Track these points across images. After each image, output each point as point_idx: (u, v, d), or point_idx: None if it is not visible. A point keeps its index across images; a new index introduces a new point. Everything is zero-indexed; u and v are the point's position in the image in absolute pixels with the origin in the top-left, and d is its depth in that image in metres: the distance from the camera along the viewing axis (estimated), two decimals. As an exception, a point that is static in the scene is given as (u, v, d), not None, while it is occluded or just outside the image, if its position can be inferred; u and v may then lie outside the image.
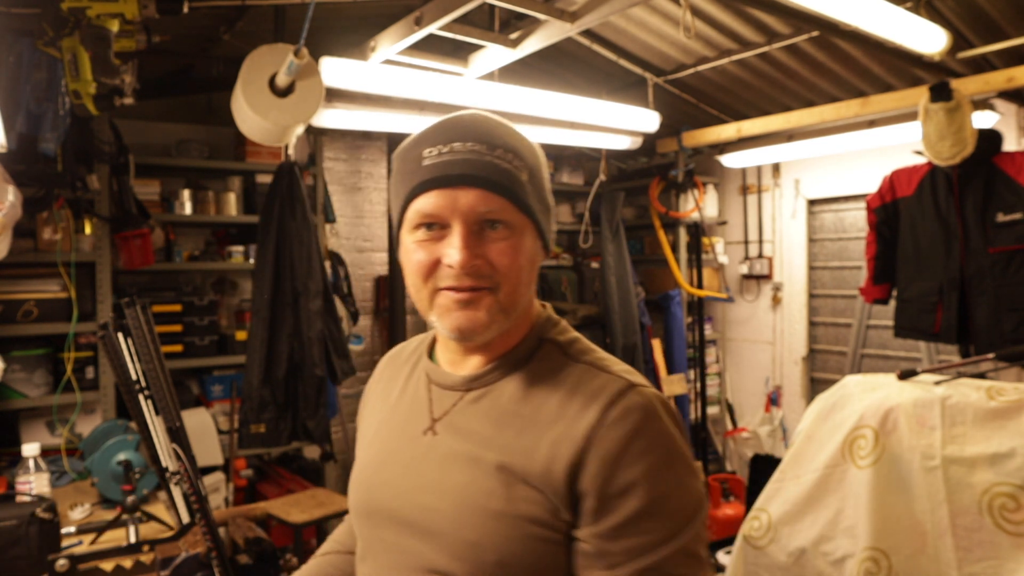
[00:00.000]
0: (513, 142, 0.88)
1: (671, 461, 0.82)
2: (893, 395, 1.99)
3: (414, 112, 3.30)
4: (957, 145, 2.75)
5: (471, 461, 0.86)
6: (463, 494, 0.85)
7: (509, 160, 0.86)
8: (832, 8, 2.22)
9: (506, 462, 0.84)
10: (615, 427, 0.81)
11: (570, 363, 0.90)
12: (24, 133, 2.11)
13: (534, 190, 0.88)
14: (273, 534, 3.01)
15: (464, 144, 0.85)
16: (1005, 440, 1.79)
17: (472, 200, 0.83)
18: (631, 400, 0.83)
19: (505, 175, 0.85)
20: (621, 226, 4.22)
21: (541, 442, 0.83)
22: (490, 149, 0.85)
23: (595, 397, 0.84)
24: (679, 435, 0.85)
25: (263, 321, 3.06)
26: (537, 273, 0.92)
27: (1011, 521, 1.73)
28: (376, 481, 0.95)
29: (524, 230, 0.87)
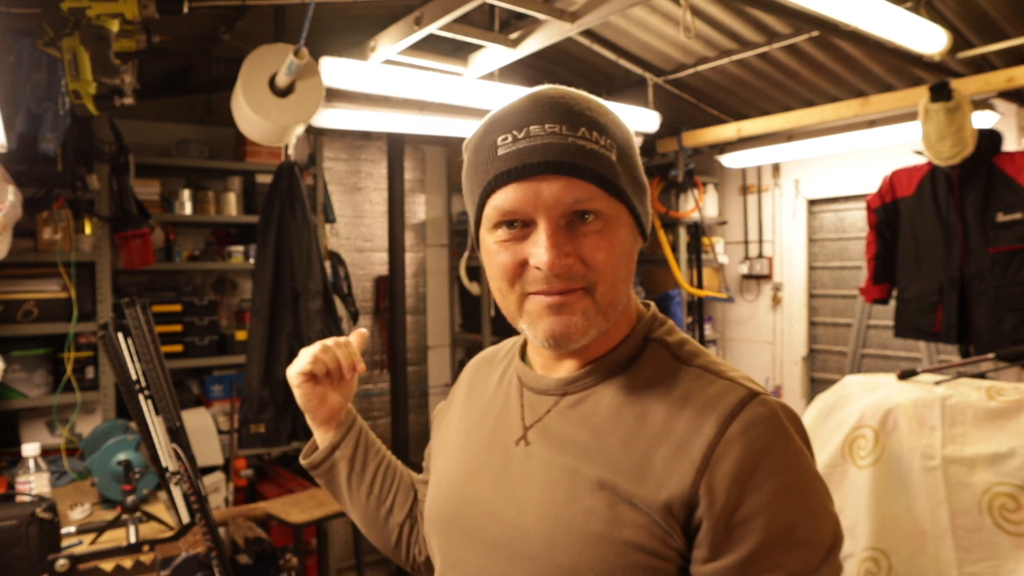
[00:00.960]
0: (599, 117, 0.77)
1: (803, 482, 0.72)
2: (893, 395, 1.99)
3: (414, 112, 3.30)
4: (957, 145, 2.75)
5: (568, 475, 0.77)
6: (559, 513, 0.75)
7: (595, 139, 0.74)
8: (832, 8, 2.22)
9: (608, 478, 0.74)
10: (738, 443, 0.70)
11: (680, 367, 0.79)
12: (24, 133, 2.11)
13: (625, 170, 0.77)
14: (273, 534, 3.01)
15: (542, 127, 0.74)
16: (1005, 440, 1.79)
17: (556, 191, 0.73)
18: (754, 412, 0.73)
19: (591, 157, 0.74)
20: (621, 226, 4.21)
21: (650, 458, 0.73)
22: (572, 129, 0.74)
23: (712, 408, 0.73)
24: (808, 451, 0.75)
25: (263, 321, 3.06)
26: (635, 265, 0.81)
27: (1011, 521, 1.73)
28: (461, 494, 0.86)
29: (619, 218, 0.77)
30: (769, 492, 0.70)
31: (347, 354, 0.98)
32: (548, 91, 0.78)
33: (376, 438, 1.09)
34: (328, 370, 0.97)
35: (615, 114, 0.80)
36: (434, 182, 4.68)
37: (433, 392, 4.68)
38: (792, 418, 0.76)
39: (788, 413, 0.76)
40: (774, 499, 0.69)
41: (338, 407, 1.02)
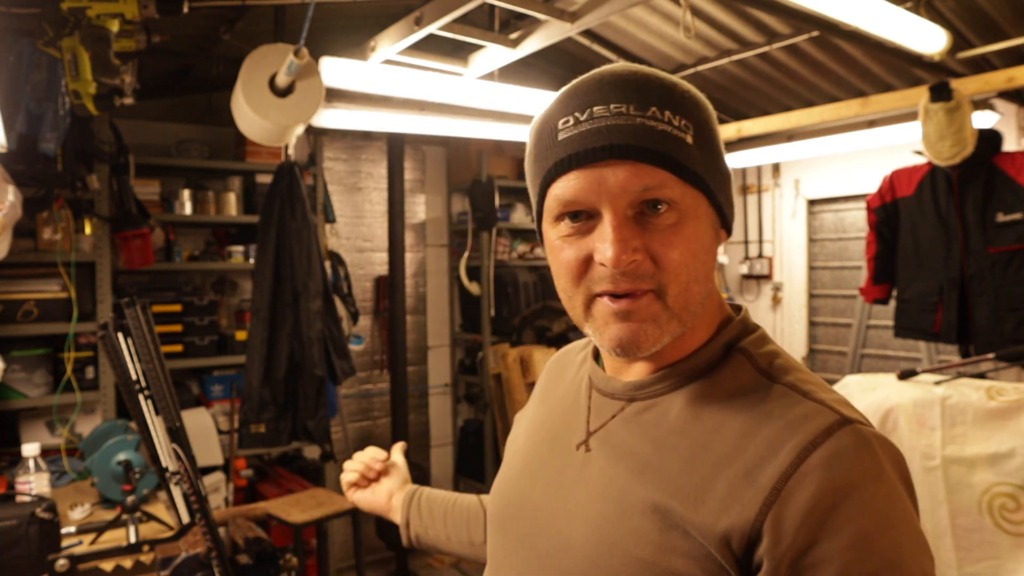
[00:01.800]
0: (674, 95, 0.68)
1: (892, 529, 0.60)
2: (893, 395, 1.99)
3: (414, 112, 3.30)
4: (957, 145, 2.75)
5: (623, 490, 0.70)
6: (608, 531, 0.69)
7: (668, 120, 0.66)
8: (832, 8, 2.22)
9: (663, 500, 0.67)
10: (817, 475, 0.61)
11: (765, 382, 0.70)
12: (24, 133, 2.12)
13: (704, 155, 0.68)
14: (273, 534, 3.01)
15: (607, 107, 0.66)
16: (1005, 440, 1.79)
17: (623, 177, 0.65)
18: (843, 441, 0.62)
19: (663, 139, 0.65)
20: (621, 226, 4.21)
21: (713, 481, 0.65)
22: (641, 108, 0.66)
23: (793, 432, 0.64)
24: (904, 492, 0.64)
25: (263, 321, 3.06)
26: (715, 262, 0.72)
27: (1011, 521, 1.73)
28: (518, 495, 0.82)
29: (696, 209, 0.68)
30: (848, 537, 0.59)
31: (371, 456, 1.17)
32: (617, 68, 0.70)
33: (438, 492, 1.16)
34: (362, 474, 1.17)
35: (695, 93, 0.70)
36: (434, 182, 4.68)
37: (433, 392, 4.68)
38: (891, 454, 0.65)
39: (885, 447, 0.64)
40: (853, 546, 0.59)
41: (392, 494, 1.16)
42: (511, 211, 4.53)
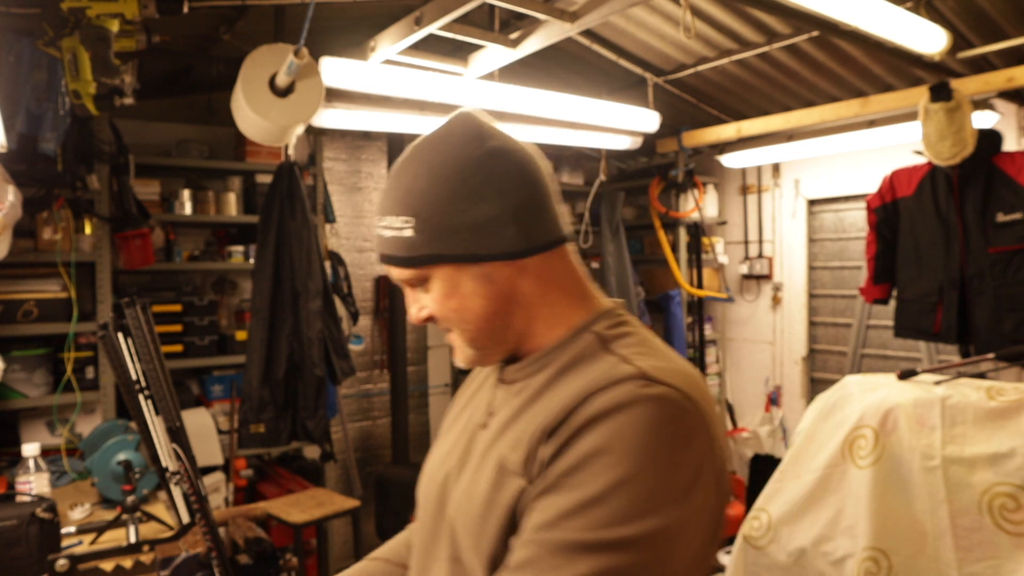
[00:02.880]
0: (398, 196, 0.85)
1: (617, 465, 0.70)
2: (893, 395, 1.99)
3: (414, 112, 3.30)
4: (957, 145, 2.75)
5: (496, 455, 0.84)
6: (483, 490, 0.83)
7: (393, 225, 0.85)
8: (832, 8, 2.22)
9: (505, 455, 0.82)
10: (592, 405, 0.74)
11: (601, 352, 0.83)
12: (24, 133, 2.11)
13: (431, 233, 0.83)
14: (273, 534, 3.01)
15: (382, 218, 0.88)
16: (1005, 440, 1.79)
17: (393, 274, 0.89)
18: (627, 386, 0.74)
19: (392, 245, 0.86)
20: (621, 226, 4.22)
21: (529, 428, 0.80)
22: (381, 220, 0.87)
23: (594, 381, 0.76)
24: (680, 447, 0.73)
25: (263, 321, 3.06)
26: (505, 294, 0.86)
27: (1011, 521, 1.73)
28: (434, 472, 0.96)
29: (443, 276, 0.85)
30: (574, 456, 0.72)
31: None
32: (396, 167, 0.89)
33: None
34: None
35: (427, 165, 0.85)
36: (434, 182, 4.68)
37: (433, 392, 4.68)
38: (681, 412, 0.74)
39: (680, 407, 0.74)
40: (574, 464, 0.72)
41: None
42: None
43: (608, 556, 0.69)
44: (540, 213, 0.85)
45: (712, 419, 0.78)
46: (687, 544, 0.73)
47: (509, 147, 0.86)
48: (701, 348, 4.46)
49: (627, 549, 0.69)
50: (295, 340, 3.09)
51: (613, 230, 4.18)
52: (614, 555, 0.69)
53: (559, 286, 0.88)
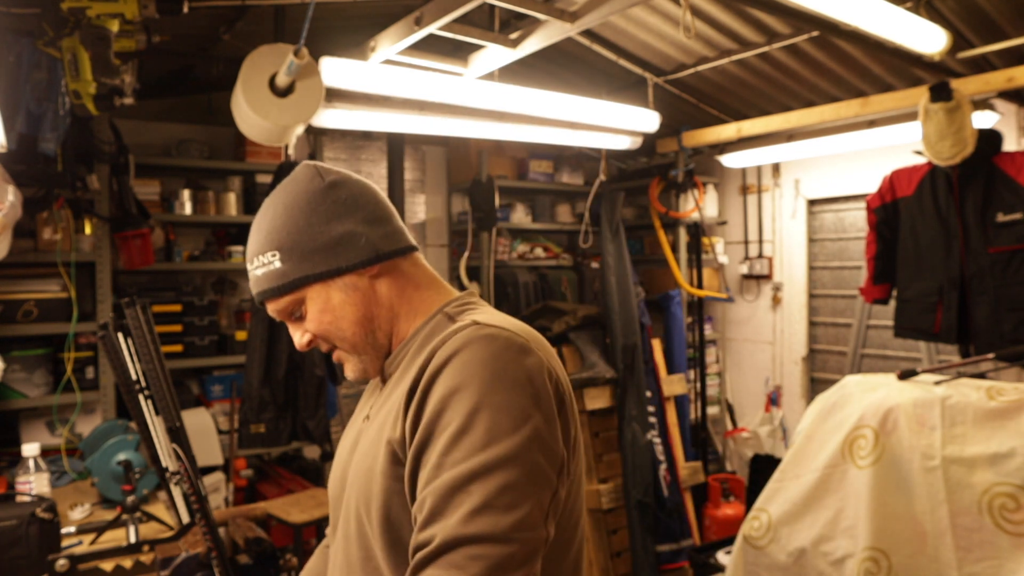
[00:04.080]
0: (260, 236, 0.98)
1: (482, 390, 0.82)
2: (893, 395, 1.99)
3: (414, 112, 3.30)
4: (957, 145, 2.75)
5: (374, 436, 0.95)
6: (368, 466, 0.93)
7: (263, 262, 0.97)
8: (832, 8, 2.22)
9: (381, 432, 0.92)
10: (438, 357, 0.86)
11: (447, 323, 0.96)
12: (24, 133, 2.12)
13: (298, 259, 0.96)
14: (273, 534, 3.01)
15: (250, 263, 1.00)
16: (1005, 440, 1.79)
17: (270, 309, 1.01)
18: (462, 333, 0.87)
19: (266, 279, 0.97)
20: (621, 226, 4.22)
21: (397, 404, 0.90)
22: (251, 263, 0.99)
23: (438, 340, 0.89)
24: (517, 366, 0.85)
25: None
26: (374, 297, 0.99)
27: (1011, 521, 1.73)
28: (336, 470, 1.06)
29: (314, 295, 0.98)
30: (435, 401, 0.83)
31: None
32: (258, 214, 1.01)
33: None
34: None
35: (282, 205, 0.98)
36: (434, 182, 4.68)
37: (433, 392, 4.67)
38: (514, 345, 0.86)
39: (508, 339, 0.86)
40: (436, 405, 0.83)
41: None
42: (511, 211, 4.53)
43: (494, 477, 0.78)
44: (385, 225, 1.00)
45: (544, 349, 0.91)
46: (551, 452, 0.84)
47: (346, 178, 1.01)
48: (701, 348, 4.46)
49: (507, 464, 0.79)
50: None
51: (613, 230, 4.18)
52: (498, 474, 0.78)
53: (414, 285, 1.02)
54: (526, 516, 0.79)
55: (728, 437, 4.73)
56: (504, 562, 0.76)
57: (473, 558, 0.76)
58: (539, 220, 4.69)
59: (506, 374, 0.83)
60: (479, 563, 0.75)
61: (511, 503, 0.78)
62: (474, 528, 0.77)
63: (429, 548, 0.78)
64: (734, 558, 2.16)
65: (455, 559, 0.76)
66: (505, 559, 0.76)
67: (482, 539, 0.76)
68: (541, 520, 0.81)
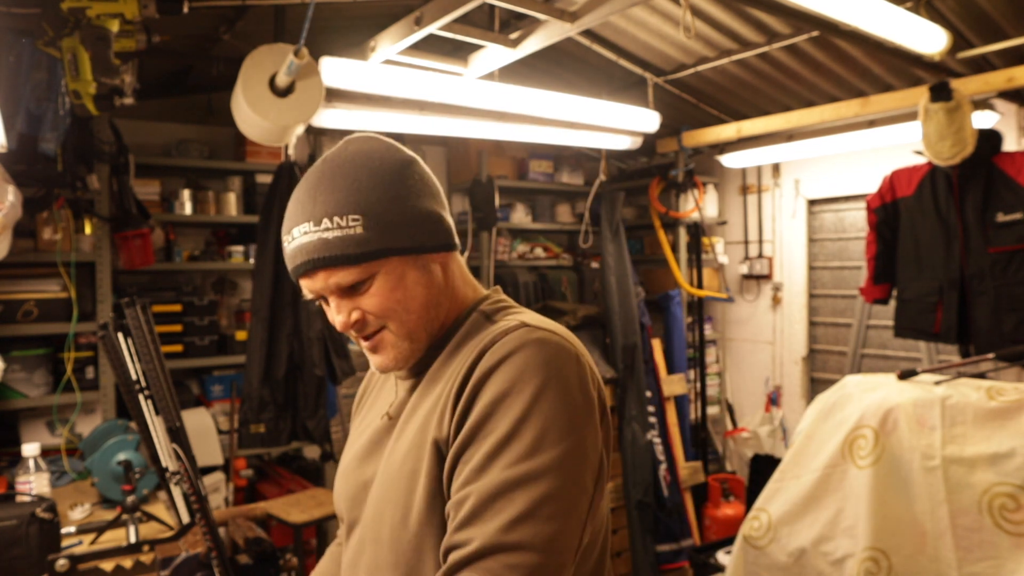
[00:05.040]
0: (341, 194, 0.89)
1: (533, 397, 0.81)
2: (893, 395, 1.99)
3: (414, 112, 3.30)
4: (957, 145, 2.75)
5: (417, 445, 0.90)
6: (405, 468, 0.90)
7: (338, 224, 0.88)
8: (832, 8, 2.22)
9: (420, 432, 0.90)
10: (488, 359, 0.85)
11: (487, 324, 0.94)
12: (24, 133, 2.12)
13: (382, 228, 0.89)
14: (273, 534, 3.01)
15: (299, 228, 0.90)
16: (1005, 440, 1.79)
17: (323, 281, 0.90)
18: (513, 335, 0.86)
19: (340, 245, 0.88)
20: (621, 226, 4.22)
21: (439, 402, 0.89)
22: (316, 225, 0.89)
23: (486, 340, 0.87)
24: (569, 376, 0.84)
25: (263, 321, 3.05)
26: (441, 283, 0.96)
27: (1011, 521, 1.73)
28: (351, 470, 1.03)
29: (390, 269, 0.90)
30: (486, 401, 0.82)
31: None
32: (306, 181, 0.92)
33: None
34: None
35: (366, 170, 0.91)
36: (434, 182, 4.68)
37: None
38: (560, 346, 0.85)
39: (559, 345, 0.86)
40: (486, 408, 0.82)
41: None
42: (511, 211, 4.53)
43: (538, 486, 0.78)
44: (449, 214, 0.98)
45: (587, 356, 0.91)
46: (591, 461, 0.85)
47: (416, 158, 0.97)
48: (701, 348, 4.46)
49: (551, 474, 0.79)
50: (295, 340, 3.09)
51: (613, 230, 4.18)
52: (542, 483, 0.78)
53: (461, 278, 1.01)
54: (565, 527, 0.79)
55: (728, 437, 4.73)
56: (539, 572, 0.76)
57: (510, 567, 0.76)
58: (539, 220, 4.69)
59: (558, 382, 0.83)
60: (515, 573, 0.76)
61: (552, 513, 0.78)
62: (515, 537, 0.76)
63: (466, 551, 0.78)
64: (734, 558, 2.16)
65: (492, 566, 0.76)
66: (540, 569, 0.76)
67: (521, 548, 0.76)
68: (579, 530, 0.82)
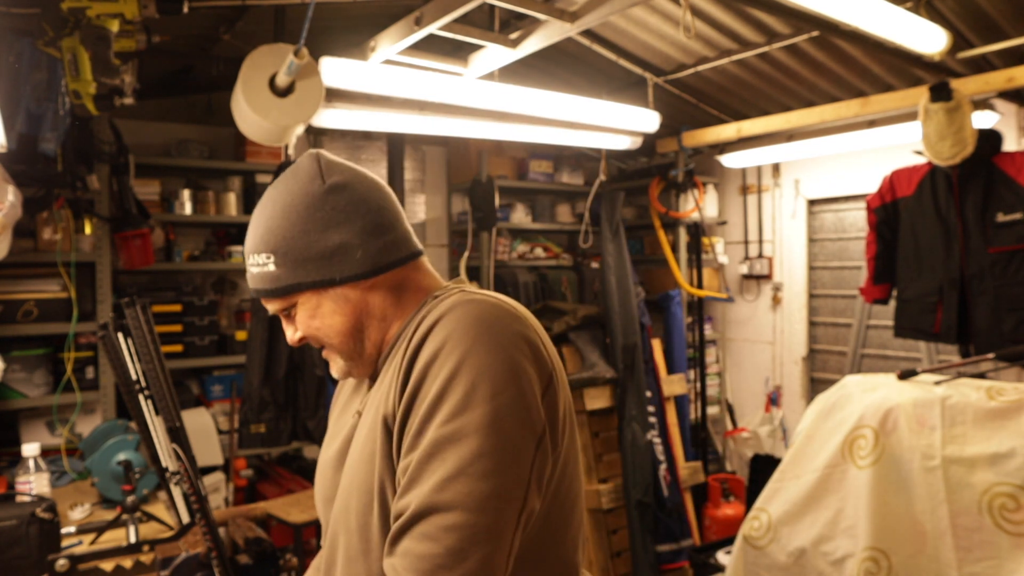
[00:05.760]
0: (259, 233, 0.96)
1: (462, 355, 0.82)
2: (893, 395, 1.99)
3: (414, 112, 3.30)
4: (957, 145, 2.75)
5: (371, 428, 0.93)
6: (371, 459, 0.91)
7: (260, 262, 0.96)
8: (832, 8, 2.22)
9: (377, 414, 0.92)
10: (424, 324, 0.88)
11: (437, 305, 0.94)
12: (24, 133, 2.11)
13: (291, 265, 0.94)
14: (273, 534, 3.01)
15: (249, 257, 0.98)
16: (1005, 440, 1.79)
17: (269, 304, 1.01)
18: (447, 300, 0.90)
19: (260, 280, 0.97)
20: (621, 226, 4.22)
21: (392, 382, 0.90)
22: (252, 260, 0.97)
23: (429, 316, 0.89)
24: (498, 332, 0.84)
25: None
26: (366, 304, 0.97)
27: (1011, 521, 1.73)
28: (324, 470, 1.06)
29: (304, 301, 0.97)
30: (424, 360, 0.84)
31: None
32: (258, 207, 0.99)
33: None
34: None
35: (280, 206, 0.95)
36: (434, 182, 4.68)
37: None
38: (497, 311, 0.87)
39: (492, 306, 0.87)
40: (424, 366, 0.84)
41: None
42: (511, 211, 4.53)
43: (468, 442, 0.77)
44: (386, 234, 0.97)
45: (532, 321, 0.91)
46: (532, 419, 0.82)
47: (350, 180, 0.98)
48: (701, 348, 4.45)
49: (482, 431, 0.78)
50: (295, 340, 3.09)
51: (613, 230, 4.18)
52: (472, 439, 0.78)
53: (414, 290, 1.00)
54: (501, 485, 0.76)
55: (728, 437, 4.72)
56: (479, 533, 0.74)
57: (447, 529, 0.74)
58: (539, 220, 4.69)
59: (489, 337, 0.82)
60: (453, 535, 0.74)
61: (486, 470, 0.76)
62: (447, 496, 0.75)
63: (404, 517, 0.77)
64: (734, 558, 2.16)
65: (428, 529, 0.75)
66: (480, 530, 0.74)
67: (453, 507, 0.74)
68: (520, 490, 0.79)
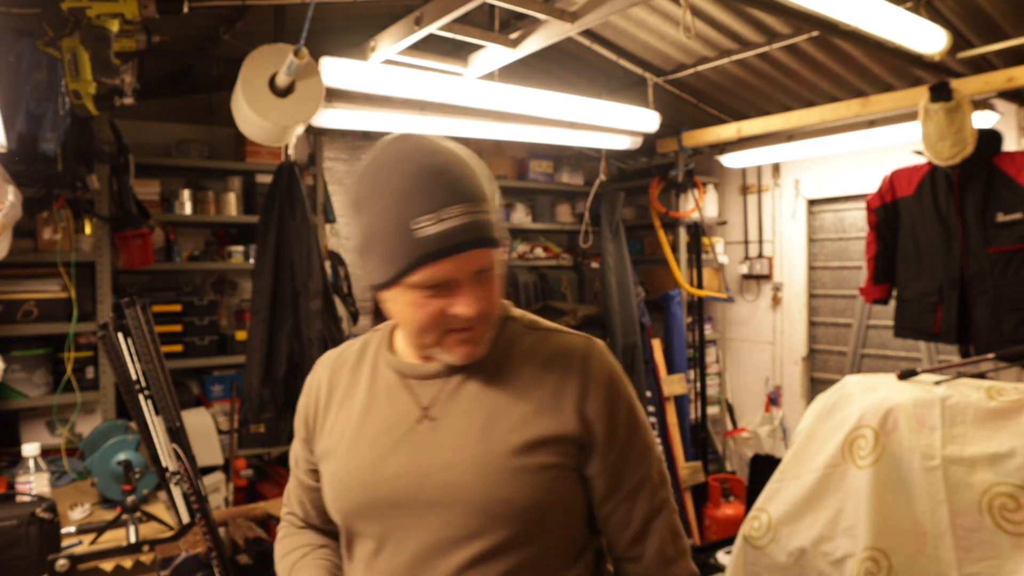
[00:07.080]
0: (481, 184, 0.93)
1: (630, 395, 1.06)
2: (893, 395, 1.99)
3: (414, 112, 3.30)
4: (957, 145, 2.75)
5: (483, 432, 0.96)
6: (485, 462, 0.95)
7: (488, 209, 0.92)
8: (832, 8, 2.22)
9: (515, 424, 0.96)
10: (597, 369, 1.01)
11: (530, 332, 1.06)
12: (24, 133, 2.11)
13: (496, 214, 0.96)
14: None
15: (457, 207, 0.89)
16: (1005, 440, 1.79)
17: (476, 260, 0.92)
18: (597, 346, 1.05)
19: (491, 228, 0.93)
20: (621, 226, 4.22)
21: (541, 398, 0.98)
22: (475, 206, 0.91)
23: (565, 353, 1.02)
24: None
25: (263, 321, 3.05)
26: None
27: (1011, 521, 1.73)
28: (380, 477, 0.99)
29: (499, 256, 0.96)
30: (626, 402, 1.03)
31: None
32: (445, 167, 0.91)
33: None
34: None
35: (478, 165, 0.96)
36: (434, 182, 4.68)
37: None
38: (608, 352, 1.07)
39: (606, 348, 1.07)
40: (630, 406, 1.04)
41: None
42: (511, 211, 4.53)
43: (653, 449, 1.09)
44: None
45: None
46: None
47: None
48: (701, 348, 4.46)
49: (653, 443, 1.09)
50: (295, 340, 3.09)
51: (613, 230, 4.18)
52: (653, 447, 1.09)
53: None
54: None
55: (728, 437, 4.73)
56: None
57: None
58: (539, 220, 4.69)
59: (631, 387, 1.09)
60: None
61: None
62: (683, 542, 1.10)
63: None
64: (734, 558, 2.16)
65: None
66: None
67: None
68: None
